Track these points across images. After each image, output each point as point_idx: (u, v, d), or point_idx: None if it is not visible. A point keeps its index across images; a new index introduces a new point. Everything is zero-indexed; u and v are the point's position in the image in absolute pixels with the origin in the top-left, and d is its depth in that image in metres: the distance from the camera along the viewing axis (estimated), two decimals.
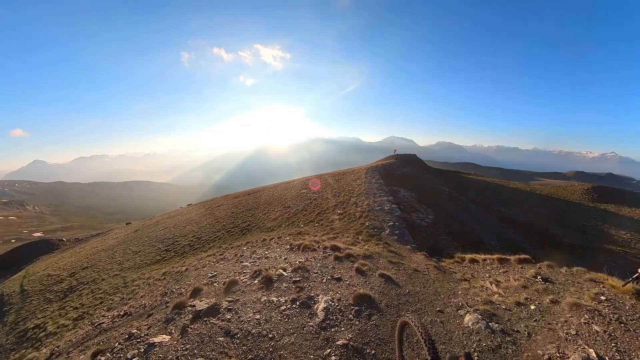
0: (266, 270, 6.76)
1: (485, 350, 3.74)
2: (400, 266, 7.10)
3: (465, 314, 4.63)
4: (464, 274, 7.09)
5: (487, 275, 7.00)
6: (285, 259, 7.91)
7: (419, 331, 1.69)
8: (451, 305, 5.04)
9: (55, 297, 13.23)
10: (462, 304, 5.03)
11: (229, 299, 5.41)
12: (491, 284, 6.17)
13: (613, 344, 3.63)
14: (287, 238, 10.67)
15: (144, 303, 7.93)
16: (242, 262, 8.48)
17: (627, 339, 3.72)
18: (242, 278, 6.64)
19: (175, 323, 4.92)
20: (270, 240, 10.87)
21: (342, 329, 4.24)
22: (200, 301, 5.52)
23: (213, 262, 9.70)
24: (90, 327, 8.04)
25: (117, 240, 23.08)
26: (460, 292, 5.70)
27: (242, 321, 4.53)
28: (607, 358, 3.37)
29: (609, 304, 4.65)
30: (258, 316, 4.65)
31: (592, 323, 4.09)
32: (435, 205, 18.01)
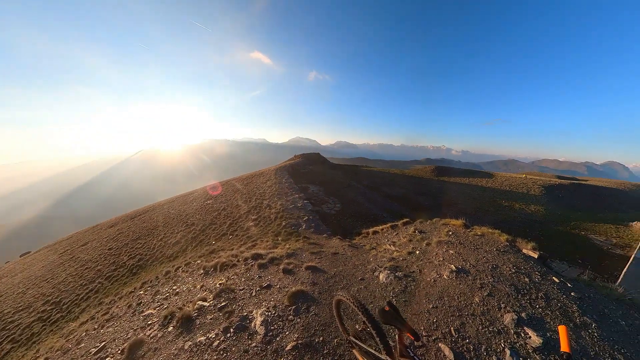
0: (180, 309, 5.60)
1: (398, 293, 4.83)
2: (322, 254, 7.66)
3: (379, 274, 5.64)
4: (371, 244, 8.50)
5: (386, 240, 8.71)
6: (202, 286, 6.85)
7: (351, 302, 1.97)
8: (368, 272, 5.98)
9: None
10: (375, 267, 6.08)
11: None
12: (390, 245, 7.76)
13: (461, 258, 5.71)
14: (199, 261, 9.26)
15: None
16: (142, 311, 6.67)
17: (466, 252, 5.97)
18: (149, 332, 5.20)
19: None
20: (176, 270, 9.08)
21: (287, 332, 4.16)
22: None
23: (94, 329, 7.06)
24: None
25: None
26: (371, 259, 6.84)
27: None
28: (460, 266, 5.30)
29: (454, 236, 6.96)
30: None
31: (449, 249, 6.16)
32: (340, 195, 20.43)
